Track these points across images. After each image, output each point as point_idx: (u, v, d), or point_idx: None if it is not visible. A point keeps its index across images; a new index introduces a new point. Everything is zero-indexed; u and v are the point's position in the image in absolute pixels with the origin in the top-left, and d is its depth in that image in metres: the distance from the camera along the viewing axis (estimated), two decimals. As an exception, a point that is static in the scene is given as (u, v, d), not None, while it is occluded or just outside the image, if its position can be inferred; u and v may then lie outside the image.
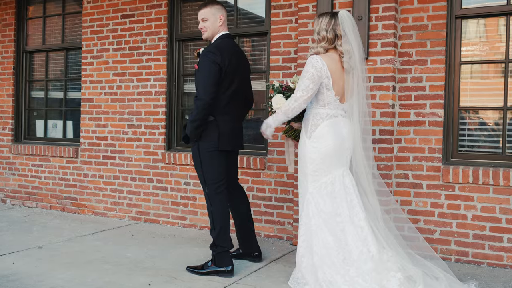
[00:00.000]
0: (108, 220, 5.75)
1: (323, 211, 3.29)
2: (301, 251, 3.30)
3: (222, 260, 3.71)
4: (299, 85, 3.32)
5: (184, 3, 5.61)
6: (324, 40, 3.40)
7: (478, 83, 4.38)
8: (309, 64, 3.31)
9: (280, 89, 3.46)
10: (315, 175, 3.34)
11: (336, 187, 3.34)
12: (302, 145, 3.40)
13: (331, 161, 3.35)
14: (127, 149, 5.81)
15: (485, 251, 4.09)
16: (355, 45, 3.38)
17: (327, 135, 3.35)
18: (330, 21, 3.40)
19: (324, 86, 3.33)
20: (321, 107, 3.38)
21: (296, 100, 3.31)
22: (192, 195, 5.39)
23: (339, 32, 3.38)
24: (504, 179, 3.99)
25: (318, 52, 3.40)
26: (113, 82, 5.88)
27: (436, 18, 4.24)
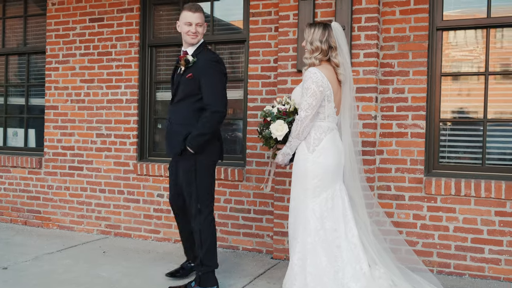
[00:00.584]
0: (75, 235, 5.45)
1: (323, 228, 3.20)
2: (296, 269, 3.18)
3: (208, 280, 3.55)
4: (302, 104, 3.20)
5: (156, 7, 5.40)
6: (317, 51, 3.31)
7: (459, 95, 4.40)
8: (308, 80, 3.20)
9: (279, 115, 3.27)
10: (316, 191, 3.23)
11: (335, 202, 3.27)
12: (303, 160, 3.26)
13: (333, 175, 3.28)
14: (95, 159, 5.53)
15: (467, 262, 4.11)
16: (347, 57, 3.36)
17: (330, 149, 3.26)
18: (324, 32, 3.33)
19: (326, 98, 3.24)
20: (321, 120, 3.28)
21: (302, 122, 3.20)
22: (166, 207, 5.18)
23: (333, 44, 3.32)
24: (486, 191, 4.01)
25: (313, 64, 3.31)
26: (80, 89, 5.59)
27: (418, 29, 4.23)
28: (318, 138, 3.25)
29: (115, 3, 5.40)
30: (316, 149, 3.23)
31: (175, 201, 3.86)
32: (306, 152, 3.25)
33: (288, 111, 3.26)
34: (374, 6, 4.21)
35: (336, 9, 4.29)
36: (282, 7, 4.51)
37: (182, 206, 3.79)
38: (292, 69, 4.47)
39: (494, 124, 4.23)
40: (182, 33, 3.65)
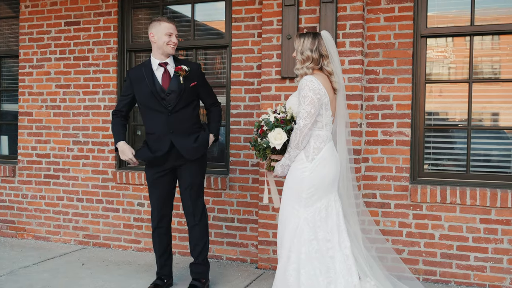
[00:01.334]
0: (52, 246, 5.26)
1: (316, 238, 3.13)
2: (291, 280, 3.10)
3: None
4: (301, 113, 3.12)
5: (135, 11, 5.25)
6: (309, 60, 3.25)
7: (443, 102, 4.41)
8: (305, 88, 3.12)
9: (277, 123, 3.17)
10: (311, 199, 3.15)
11: (329, 212, 3.20)
12: (300, 169, 3.17)
13: (329, 185, 3.21)
14: (72, 168, 5.35)
15: (453, 270, 4.11)
16: (338, 65, 3.32)
17: (329, 159, 3.20)
18: (314, 41, 3.27)
19: (323, 106, 3.18)
20: (320, 129, 3.20)
21: (302, 131, 3.11)
22: (147, 216, 5.05)
23: (324, 52, 3.26)
24: (471, 198, 4.02)
25: (305, 74, 3.25)
26: (55, 95, 5.40)
27: (403, 36, 4.22)
28: (318, 148, 3.17)
29: (92, 6, 5.23)
30: (315, 158, 3.16)
31: (169, 211, 3.91)
32: (305, 161, 3.17)
33: (286, 119, 3.17)
34: (358, 13, 4.18)
35: (321, 15, 4.24)
36: (266, 13, 4.44)
37: (170, 216, 3.96)
38: (276, 75, 4.40)
39: (478, 131, 4.25)
40: (160, 43, 3.67)
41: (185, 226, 4.89)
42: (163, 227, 3.87)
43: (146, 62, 3.79)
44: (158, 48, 3.69)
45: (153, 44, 3.73)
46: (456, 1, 4.28)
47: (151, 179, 3.81)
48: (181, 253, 4.93)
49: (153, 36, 3.69)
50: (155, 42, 3.69)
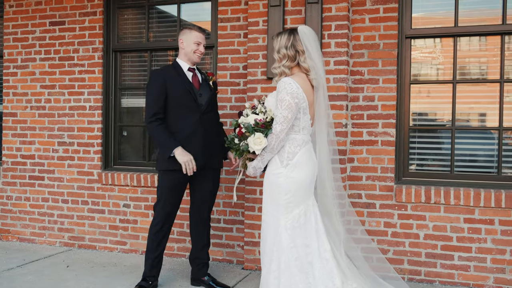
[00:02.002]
0: (37, 247, 5.21)
1: (295, 246, 3.10)
2: (272, 289, 3.08)
3: None
4: (277, 117, 3.05)
5: (121, 11, 5.23)
6: (285, 58, 3.20)
7: (428, 103, 4.44)
8: (283, 91, 3.05)
9: (257, 127, 3.08)
10: (289, 206, 3.10)
11: (307, 217, 3.15)
12: (276, 174, 3.13)
13: (305, 190, 3.16)
14: (57, 169, 5.30)
15: (437, 269, 4.14)
16: (318, 61, 3.20)
17: (304, 164, 3.14)
18: (289, 37, 3.21)
19: (301, 111, 3.11)
20: (296, 133, 3.15)
21: (278, 136, 3.06)
22: (133, 218, 5.03)
23: (300, 48, 3.18)
24: (455, 198, 4.05)
25: (283, 73, 3.20)
26: (40, 95, 5.36)
27: (388, 37, 4.24)
28: (293, 152, 3.12)
29: (77, 6, 5.20)
30: (290, 163, 3.10)
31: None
32: (279, 166, 3.12)
33: (266, 123, 3.09)
34: (344, 14, 4.19)
35: (306, 16, 4.25)
36: (251, 13, 4.44)
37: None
38: (262, 76, 4.40)
39: (462, 132, 4.28)
40: (188, 50, 3.79)
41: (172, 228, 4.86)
42: (168, 231, 3.89)
43: (174, 64, 3.83)
44: (185, 55, 3.81)
45: (181, 50, 3.83)
46: (440, 3, 4.30)
47: (172, 183, 3.75)
48: (168, 255, 4.90)
49: (182, 42, 3.80)
50: (183, 48, 3.80)
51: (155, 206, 3.83)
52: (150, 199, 4.95)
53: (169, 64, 3.92)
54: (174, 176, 3.72)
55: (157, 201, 3.81)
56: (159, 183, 3.80)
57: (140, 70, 5.23)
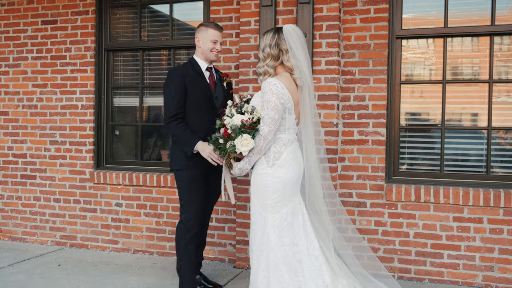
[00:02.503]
0: (28, 246, 5.21)
1: (283, 244, 3.11)
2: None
3: None
4: (264, 118, 3.03)
5: (113, 10, 5.23)
6: (269, 57, 3.16)
7: (418, 103, 4.48)
8: (268, 92, 3.03)
9: (244, 128, 3.04)
10: (277, 206, 3.10)
11: (295, 216, 3.16)
12: (262, 174, 3.13)
13: (292, 190, 3.16)
14: (49, 168, 5.30)
15: (427, 267, 4.18)
16: (303, 60, 3.17)
17: (290, 163, 3.13)
18: (274, 36, 3.18)
19: (287, 111, 3.10)
20: (281, 133, 3.14)
21: (266, 138, 3.04)
22: (125, 217, 5.03)
23: (283, 47, 3.15)
24: (444, 197, 4.09)
25: (267, 72, 3.18)
26: (32, 94, 5.35)
27: (378, 37, 4.27)
28: (278, 152, 3.11)
29: (69, 5, 5.19)
30: (276, 163, 3.09)
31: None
32: (265, 166, 3.11)
33: (253, 124, 3.04)
34: (335, 14, 4.22)
35: (298, 16, 4.27)
36: (243, 13, 4.46)
37: None
38: (254, 75, 4.43)
39: (451, 131, 4.33)
40: (204, 49, 3.70)
41: (163, 226, 4.89)
42: (200, 233, 3.78)
43: (192, 62, 3.73)
44: (201, 53, 3.73)
45: (197, 48, 3.75)
46: (430, 3, 4.34)
47: (191, 177, 3.62)
48: (159, 253, 4.92)
49: (199, 41, 3.72)
50: (199, 46, 3.72)
51: (181, 210, 3.65)
52: (142, 198, 4.96)
53: (186, 62, 3.78)
54: (197, 172, 3.61)
55: (181, 204, 3.65)
56: (178, 183, 3.65)
57: (133, 70, 5.24)
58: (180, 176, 3.64)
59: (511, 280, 4.00)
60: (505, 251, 4.00)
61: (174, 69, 3.75)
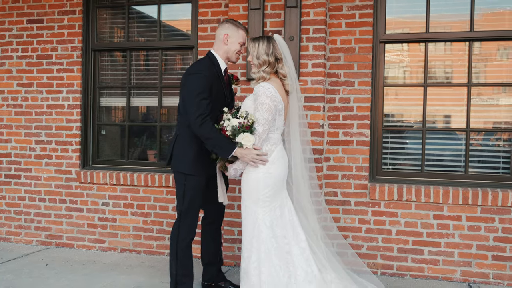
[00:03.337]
0: (13, 246, 5.18)
1: (274, 236, 3.27)
2: (253, 279, 3.22)
3: None
4: (259, 119, 3.24)
5: (100, 10, 5.25)
6: (265, 64, 3.36)
7: (400, 104, 4.64)
8: (262, 95, 3.24)
9: (243, 129, 3.24)
10: (267, 201, 3.29)
11: (283, 210, 3.36)
12: (254, 171, 3.31)
13: (281, 185, 3.37)
14: (34, 167, 5.29)
15: (408, 263, 4.34)
16: (292, 67, 3.45)
17: (280, 160, 3.35)
18: (269, 45, 3.39)
19: (278, 113, 3.33)
20: (272, 132, 3.37)
21: (261, 137, 3.27)
22: (112, 216, 5.06)
23: (279, 56, 3.39)
24: (425, 196, 4.26)
25: (262, 77, 3.36)
26: (17, 93, 5.33)
27: (363, 41, 4.41)
28: (270, 150, 3.33)
29: (55, 4, 5.19)
30: (268, 160, 3.30)
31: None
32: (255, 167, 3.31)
33: (250, 125, 3.25)
34: (321, 18, 4.34)
35: (285, 19, 4.38)
36: (232, 16, 4.54)
37: None
38: (242, 77, 4.51)
39: (432, 133, 4.50)
40: (231, 49, 3.57)
41: (151, 225, 4.94)
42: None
43: (213, 61, 3.56)
44: (225, 52, 3.57)
45: (221, 45, 3.56)
46: (412, 10, 4.51)
47: (202, 187, 3.58)
48: (147, 252, 4.97)
49: (227, 39, 3.54)
50: (226, 44, 3.55)
51: (183, 214, 3.57)
52: (129, 197, 5.00)
53: (207, 59, 3.57)
54: (201, 178, 3.56)
55: (185, 207, 3.55)
56: (185, 187, 3.53)
57: (120, 70, 5.27)
58: (190, 181, 3.52)
59: (487, 275, 4.19)
60: (482, 247, 4.19)
61: (201, 69, 3.49)
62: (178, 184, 3.58)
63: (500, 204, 4.12)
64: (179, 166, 3.55)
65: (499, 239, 4.17)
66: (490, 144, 4.42)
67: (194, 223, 3.60)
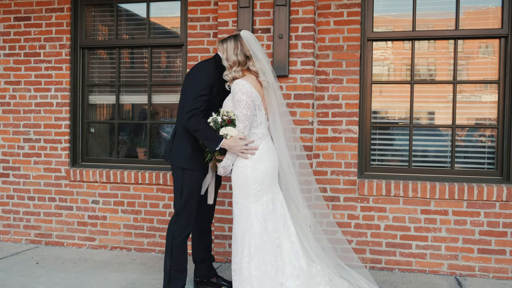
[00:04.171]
0: (2, 245, 5.16)
1: (266, 230, 3.32)
2: (245, 273, 3.27)
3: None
4: (238, 116, 3.31)
5: (88, 8, 5.23)
6: (236, 64, 3.42)
7: (388, 102, 4.71)
8: (238, 92, 3.30)
9: (225, 123, 3.34)
10: (257, 195, 3.34)
11: (274, 204, 3.41)
12: (243, 167, 3.36)
13: (271, 179, 3.41)
14: (23, 166, 5.26)
15: (397, 257, 4.43)
16: (265, 62, 3.44)
17: (266, 155, 3.40)
18: (236, 44, 3.43)
19: (257, 107, 3.39)
20: (255, 128, 3.42)
21: (242, 133, 3.33)
22: (102, 214, 5.06)
23: (248, 53, 3.42)
24: (413, 191, 4.34)
25: (234, 77, 3.42)
26: (5, 91, 5.29)
27: (351, 39, 4.47)
28: (255, 145, 3.38)
29: (43, 1, 5.16)
30: (253, 156, 3.35)
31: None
32: (246, 159, 3.36)
33: (232, 119, 3.34)
34: (310, 16, 4.39)
35: (274, 18, 4.42)
36: (221, 14, 4.57)
37: None
38: (232, 75, 4.54)
39: (419, 129, 4.58)
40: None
41: (141, 223, 4.96)
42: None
43: (219, 63, 3.57)
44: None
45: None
46: (399, 8, 4.58)
47: (200, 182, 3.66)
48: (137, 250, 4.98)
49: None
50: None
51: (180, 209, 3.60)
52: (120, 195, 5.01)
53: (214, 61, 3.62)
54: (199, 173, 3.62)
55: (182, 203, 3.59)
56: (184, 182, 3.58)
57: (109, 68, 5.26)
58: (188, 176, 3.57)
59: (473, 268, 4.29)
60: (468, 241, 4.29)
61: (209, 69, 3.57)
62: (176, 181, 3.63)
63: (485, 199, 4.22)
64: (177, 160, 3.61)
65: (484, 233, 4.27)
66: (475, 140, 4.52)
67: (190, 219, 3.64)
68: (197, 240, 3.97)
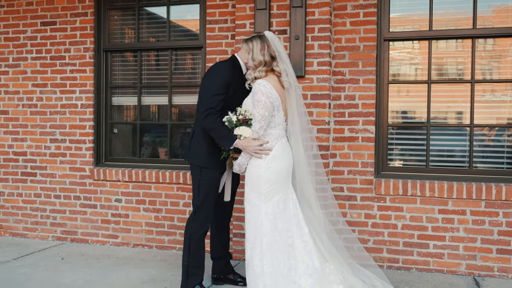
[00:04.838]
0: (29, 242, 5.36)
1: (277, 229, 3.38)
2: (258, 270, 3.35)
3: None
4: (255, 116, 3.37)
5: (111, 12, 5.39)
6: (262, 64, 3.46)
7: (405, 101, 4.72)
8: (258, 92, 3.36)
9: (240, 123, 3.43)
10: (269, 195, 3.40)
11: (287, 204, 3.46)
12: (256, 166, 3.43)
13: (284, 180, 3.46)
14: (50, 165, 5.46)
15: (414, 257, 4.43)
16: (288, 62, 3.50)
17: (281, 155, 3.45)
18: (263, 44, 3.47)
19: (275, 108, 3.43)
20: (272, 128, 3.48)
21: (257, 132, 3.40)
22: (124, 212, 5.21)
23: (273, 54, 3.46)
24: (430, 191, 4.34)
25: (258, 77, 3.47)
26: (32, 94, 5.50)
27: (367, 40, 4.50)
28: (271, 145, 3.43)
29: (68, 7, 5.35)
30: (268, 156, 3.41)
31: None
32: (260, 159, 3.42)
33: (247, 119, 3.42)
34: (326, 17, 4.43)
35: (291, 19, 4.48)
36: (239, 16, 4.65)
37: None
38: (249, 76, 4.62)
39: (436, 129, 4.57)
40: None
41: (162, 221, 5.08)
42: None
43: (236, 64, 3.69)
44: (246, 59, 3.64)
45: (245, 54, 3.63)
46: (416, 8, 4.58)
47: (218, 180, 3.75)
48: (158, 247, 5.11)
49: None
50: (249, 54, 3.60)
51: (198, 206, 3.70)
52: (141, 193, 5.15)
53: (231, 62, 3.71)
54: (217, 171, 3.70)
55: (200, 201, 3.69)
56: (202, 181, 3.68)
57: (131, 70, 5.41)
58: (205, 174, 3.66)
59: (492, 268, 4.26)
60: (487, 241, 4.27)
61: (226, 69, 3.65)
62: (194, 179, 3.73)
63: (504, 199, 4.19)
64: (195, 159, 3.71)
65: (503, 233, 4.24)
66: (494, 139, 4.48)
67: (208, 216, 3.74)
68: (215, 237, 4.06)
